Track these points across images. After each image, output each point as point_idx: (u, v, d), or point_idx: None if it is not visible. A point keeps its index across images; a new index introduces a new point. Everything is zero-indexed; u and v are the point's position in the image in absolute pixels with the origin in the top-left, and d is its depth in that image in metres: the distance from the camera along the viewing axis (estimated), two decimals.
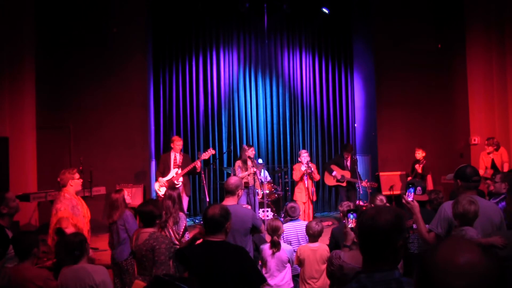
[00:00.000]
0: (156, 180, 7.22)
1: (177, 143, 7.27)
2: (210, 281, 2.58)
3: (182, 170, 7.07)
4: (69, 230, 4.33)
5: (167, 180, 7.04)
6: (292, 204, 5.05)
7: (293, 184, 8.02)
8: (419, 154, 7.89)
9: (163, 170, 7.16)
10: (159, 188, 7.05)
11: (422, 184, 4.13)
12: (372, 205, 4.53)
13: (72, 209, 4.57)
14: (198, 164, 7.01)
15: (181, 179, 7.11)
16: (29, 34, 7.57)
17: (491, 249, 2.50)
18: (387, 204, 4.23)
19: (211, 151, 7.09)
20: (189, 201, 8.01)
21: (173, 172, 7.11)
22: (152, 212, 3.52)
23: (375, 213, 1.62)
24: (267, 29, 9.44)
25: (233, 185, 3.85)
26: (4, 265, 3.32)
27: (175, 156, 7.24)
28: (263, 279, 2.88)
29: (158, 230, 3.63)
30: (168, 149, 7.64)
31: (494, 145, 7.35)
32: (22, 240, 3.17)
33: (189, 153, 8.92)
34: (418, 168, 7.71)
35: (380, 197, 4.35)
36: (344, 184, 7.82)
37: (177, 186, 6.96)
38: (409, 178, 8.01)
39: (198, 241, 3.08)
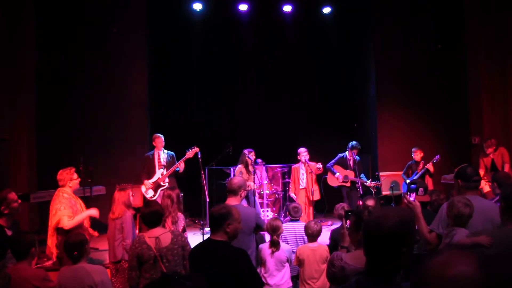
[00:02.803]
0: (142, 182, 6.96)
1: (158, 140, 7.02)
2: (209, 281, 2.57)
3: (167, 170, 6.88)
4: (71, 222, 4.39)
5: (153, 182, 6.85)
6: (295, 204, 5.08)
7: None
8: (418, 155, 7.86)
9: (148, 171, 6.97)
10: (146, 191, 6.89)
11: (424, 185, 4.11)
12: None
13: (71, 208, 4.58)
14: (182, 164, 6.83)
15: (167, 179, 6.89)
16: (29, 34, 7.56)
17: (477, 249, 2.47)
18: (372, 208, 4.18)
19: (195, 149, 6.86)
20: (188, 201, 7.96)
21: (158, 173, 6.88)
22: (159, 211, 3.54)
23: (381, 216, 1.56)
24: (268, 28, 9.45)
25: (236, 185, 3.82)
26: (5, 265, 3.32)
27: (159, 155, 7.04)
28: (260, 283, 2.87)
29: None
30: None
31: (493, 146, 7.33)
32: (20, 240, 3.16)
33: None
34: (431, 167, 7.64)
35: (368, 202, 4.30)
36: (348, 184, 7.79)
37: (163, 187, 6.74)
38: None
39: None
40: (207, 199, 6.61)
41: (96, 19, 8.16)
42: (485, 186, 6.76)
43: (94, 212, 4.62)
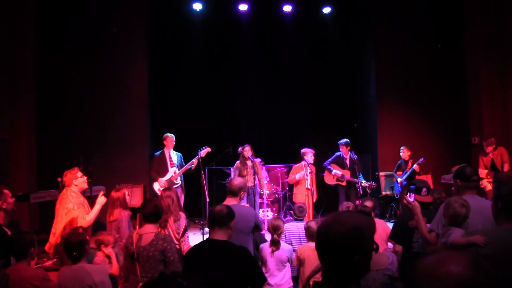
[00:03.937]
0: (155, 180, 7.14)
1: (170, 139, 7.20)
2: (211, 281, 2.58)
3: (180, 169, 7.04)
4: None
5: (167, 180, 7.00)
6: (300, 204, 5.09)
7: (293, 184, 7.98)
8: (405, 153, 7.94)
9: (158, 170, 7.10)
10: (159, 189, 6.99)
11: (427, 185, 4.07)
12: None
13: (82, 206, 4.60)
14: (195, 162, 6.98)
15: (179, 178, 7.05)
16: (29, 34, 7.56)
17: (472, 248, 2.46)
18: (369, 209, 4.15)
19: (207, 149, 7.02)
20: (188, 201, 7.97)
21: (171, 171, 7.04)
22: (158, 210, 3.53)
23: (332, 221, 1.46)
24: (268, 28, 9.44)
25: (237, 186, 3.83)
26: (9, 263, 3.33)
27: (169, 154, 7.18)
28: (264, 279, 2.90)
29: (159, 229, 3.64)
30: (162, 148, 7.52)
31: (493, 144, 7.34)
32: (19, 240, 3.16)
33: (190, 152, 8.90)
34: (417, 168, 7.70)
35: (366, 202, 4.28)
36: (343, 183, 7.79)
37: (176, 185, 6.92)
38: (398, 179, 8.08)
39: None
40: (207, 199, 6.64)
41: (96, 19, 8.16)
42: (488, 185, 6.80)
43: (103, 199, 4.63)
